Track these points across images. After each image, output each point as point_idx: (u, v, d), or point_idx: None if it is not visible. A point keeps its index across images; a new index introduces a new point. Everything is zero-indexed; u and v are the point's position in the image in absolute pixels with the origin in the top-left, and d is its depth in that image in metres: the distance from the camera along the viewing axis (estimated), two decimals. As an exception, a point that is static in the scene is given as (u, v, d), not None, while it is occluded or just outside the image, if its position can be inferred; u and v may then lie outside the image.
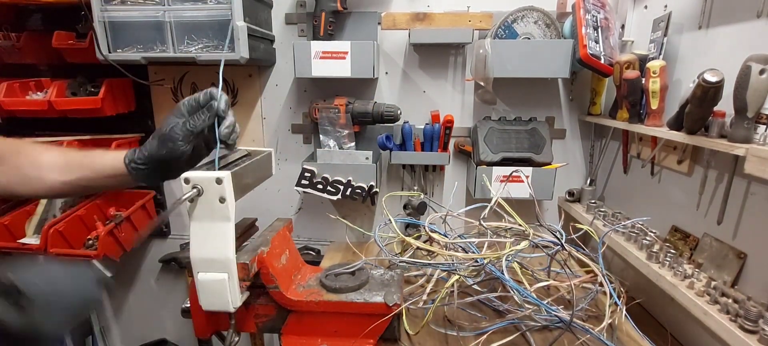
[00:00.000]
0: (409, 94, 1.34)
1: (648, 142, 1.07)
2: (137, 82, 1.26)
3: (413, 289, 0.97)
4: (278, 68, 1.35)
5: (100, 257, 1.19)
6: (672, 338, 0.93)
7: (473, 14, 1.14)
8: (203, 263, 0.66)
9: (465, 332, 0.84)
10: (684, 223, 0.95)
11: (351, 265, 0.85)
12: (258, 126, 1.39)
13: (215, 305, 0.68)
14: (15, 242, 1.20)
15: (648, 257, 0.89)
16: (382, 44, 1.30)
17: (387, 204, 1.10)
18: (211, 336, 0.84)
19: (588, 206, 1.23)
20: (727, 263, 0.81)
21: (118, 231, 1.27)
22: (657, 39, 1.00)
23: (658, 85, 0.90)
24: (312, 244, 1.49)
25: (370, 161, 1.22)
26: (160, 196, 1.49)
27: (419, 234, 1.08)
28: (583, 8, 1.06)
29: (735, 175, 0.80)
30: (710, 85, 0.71)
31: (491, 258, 0.85)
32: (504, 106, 1.33)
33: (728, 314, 0.70)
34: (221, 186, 0.62)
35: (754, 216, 0.77)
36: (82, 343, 1.62)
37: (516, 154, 1.22)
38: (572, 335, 0.81)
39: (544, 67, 1.13)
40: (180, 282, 1.62)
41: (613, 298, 0.82)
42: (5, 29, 1.25)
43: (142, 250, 1.59)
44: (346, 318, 0.78)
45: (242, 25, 1.04)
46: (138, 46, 1.11)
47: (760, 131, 0.70)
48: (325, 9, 1.17)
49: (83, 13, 1.08)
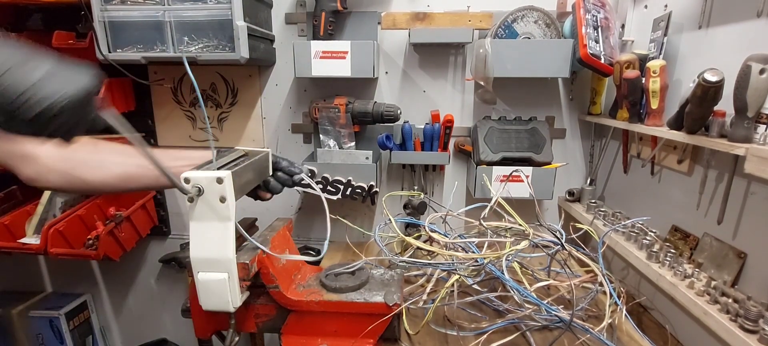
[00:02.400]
0: (409, 94, 1.34)
1: (648, 141, 1.07)
2: (137, 82, 1.26)
3: (413, 289, 0.97)
4: (278, 68, 1.35)
5: (101, 257, 1.19)
6: (672, 338, 0.93)
7: (473, 14, 1.14)
8: (203, 263, 0.66)
9: (465, 331, 0.84)
10: (684, 223, 0.95)
11: (351, 265, 0.85)
12: (258, 126, 1.39)
13: (215, 305, 0.68)
14: (15, 241, 1.20)
15: (648, 257, 0.89)
16: (382, 44, 1.30)
17: (387, 204, 1.10)
18: (211, 336, 0.84)
19: (588, 206, 1.23)
20: (727, 262, 0.81)
21: (118, 231, 1.27)
22: (657, 39, 1.00)
23: (658, 85, 0.90)
24: (312, 244, 1.49)
25: (370, 161, 1.22)
26: (160, 196, 1.49)
27: (419, 234, 1.08)
28: (583, 8, 1.06)
29: (735, 174, 0.80)
30: (710, 84, 0.71)
31: (491, 258, 0.85)
32: (504, 106, 1.33)
33: (728, 313, 0.70)
34: (222, 186, 0.62)
35: (754, 216, 0.77)
36: (83, 343, 1.62)
37: (516, 154, 1.22)
38: (572, 335, 0.81)
39: (544, 67, 1.13)
40: (180, 282, 1.62)
41: (613, 298, 0.82)
42: (5, 29, 1.25)
43: (142, 250, 1.59)
44: (346, 318, 0.78)
45: (242, 25, 1.04)
46: (138, 45, 1.11)
47: (760, 131, 0.70)
48: (325, 9, 1.17)
49: (83, 13, 1.08)
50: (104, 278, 1.67)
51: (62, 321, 1.52)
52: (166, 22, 1.07)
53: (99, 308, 1.70)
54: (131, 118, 1.37)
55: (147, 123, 1.41)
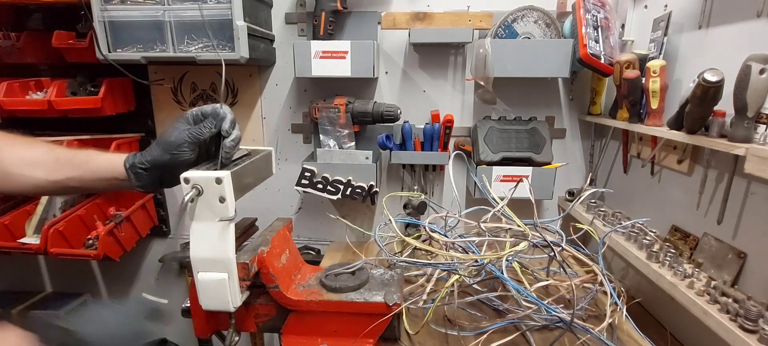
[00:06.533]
0: (409, 94, 1.34)
1: (648, 141, 1.06)
2: (137, 82, 1.26)
3: (413, 288, 0.97)
4: (278, 68, 1.35)
5: (101, 257, 1.19)
6: (672, 338, 0.93)
7: (473, 14, 1.14)
8: (203, 263, 0.66)
9: (465, 331, 0.84)
10: (684, 222, 0.95)
11: (351, 265, 0.85)
12: (258, 126, 1.39)
13: (215, 305, 0.68)
14: (15, 241, 1.21)
15: (648, 257, 0.89)
16: (382, 44, 1.30)
17: (387, 204, 1.09)
18: (211, 336, 0.84)
19: (588, 206, 1.23)
20: (727, 262, 0.81)
21: (118, 231, 1.27)
22: (657, 38, 1.00)
23: (658, 85, 0.90)
24: (312, 244, 1.49)
25: (370, 161, 1.22)
26: (160, 195, 1.49)
27: (419, 234, 1.08)
28: (583, 8, 1.06)
29: (735, 174, 0.80)
30: (710, 84, 0.71)
31: (491, 258, 0.85)
32: (504, 106, 1.33)
33: (728, 313, 0.70)
34: (221, 186, 0.62)
35: (754, 216, 0.77)
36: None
37: (516, 154, 1.22)
38: (572, 335, 0.81)
39: (544, 67, 1.13)
40: (180, 282, 1.62)
41: (613, 298, 0.82)
42: (5, 29, 1.25)
43: (142, 250, 1.59)
44: (346, 318, 0.78)
45: (242, 25, 1.04)
46: (138, 45, 1.11)
47: (760, 131, 0.70)
48: (325, 8, 1.17)
49: (83, 12, 1.08)
50: (104, 278, 1.66)
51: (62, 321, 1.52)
52: (166, 21, 1.07)
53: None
54: (131, 118, 1.38)
55: (147, 123, 1.41)
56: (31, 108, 1.22)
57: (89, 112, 1.22)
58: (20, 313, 1.52)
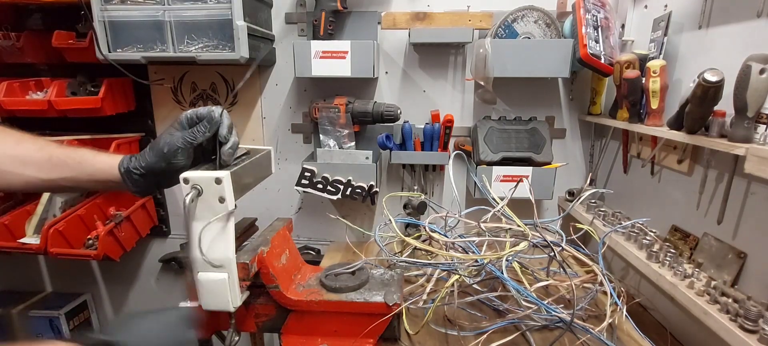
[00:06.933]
0: (409, 94, 1.34)
1: (648, 141, 1.06)
2: (137, 82, 1.26)
3: (413, 288, 0.97)
4: (278, 68, 1.35)
5: (101, 257, 1.19)
6: (672, 338, 0.93)
7: (473, 14, 1.14)
8: (203, 262, 0.66)
9: (465, 331, 0.84)
10: (684, 222, 0.95)
11: (351, 265, 0.85)
12: (258, 126, 1.39)
13: (215, 305, 0.68)
14: (15, 241, 1.21)
15: (648, 257, 0.89)
16: (382, 44, 1.30)
17: (387, 204, 1.09)
18: (211, 336, 0.84)
19: (588, 206, 1.23)
20: (727, 262, 0.81)
21: (118, 231, 1.27)
22: (657, 38, 1.00)
23: (659, 85, 0.90)
24: (312, 244, 1.49)
25: (370, 161, 1.22)
26: (160, 195, 1.49)
27: (419, 234, 1.08)
28: (583, 8, 1.06)
29: (735, 174, 0.80)
30: (710, 84, 0.71)
31: (491, 258, 0.85)
32: (504, 106, 1.33)
33: (728, 313, 0.70)
34: (221, 186, 0.62)
35: (754, 216, 0.77)
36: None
37: (516, 154, 1.22)
38: (572, 335, 0.81)
39: (544, 67, 1.12)
40: (180, 282, 1.62)
41: (613, 298, 0.82)
42: (5, 29, 1.25)
43: (142, 250, 1.59)
44: (346, 318, 0.78)
45: (242, 25, 1.04)
46: (138, 45, 1.11)
47: (760, 131, 0.70)
48: (325, 8, 1.17)
49: (83, 12, 1.08)
50: (104, 278, 1.67)
51: (62, 321, 1.52)
52: (166, 21, 1.07)
53: (99, 308, 1.70)
54: (131, 118, 1.38)
55: (147, 123, 1.41)
56: (31, 108, 1.22)
57: (89, 112, 1.22)
58: (20, 313, 1.53)
